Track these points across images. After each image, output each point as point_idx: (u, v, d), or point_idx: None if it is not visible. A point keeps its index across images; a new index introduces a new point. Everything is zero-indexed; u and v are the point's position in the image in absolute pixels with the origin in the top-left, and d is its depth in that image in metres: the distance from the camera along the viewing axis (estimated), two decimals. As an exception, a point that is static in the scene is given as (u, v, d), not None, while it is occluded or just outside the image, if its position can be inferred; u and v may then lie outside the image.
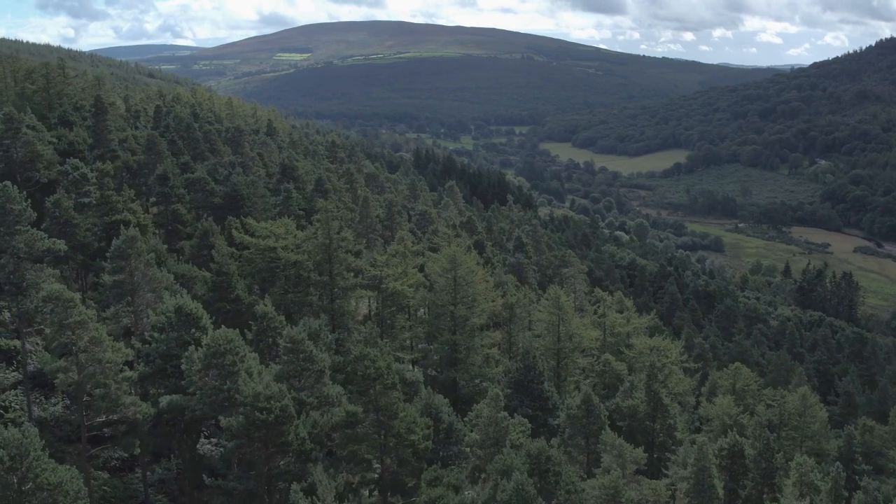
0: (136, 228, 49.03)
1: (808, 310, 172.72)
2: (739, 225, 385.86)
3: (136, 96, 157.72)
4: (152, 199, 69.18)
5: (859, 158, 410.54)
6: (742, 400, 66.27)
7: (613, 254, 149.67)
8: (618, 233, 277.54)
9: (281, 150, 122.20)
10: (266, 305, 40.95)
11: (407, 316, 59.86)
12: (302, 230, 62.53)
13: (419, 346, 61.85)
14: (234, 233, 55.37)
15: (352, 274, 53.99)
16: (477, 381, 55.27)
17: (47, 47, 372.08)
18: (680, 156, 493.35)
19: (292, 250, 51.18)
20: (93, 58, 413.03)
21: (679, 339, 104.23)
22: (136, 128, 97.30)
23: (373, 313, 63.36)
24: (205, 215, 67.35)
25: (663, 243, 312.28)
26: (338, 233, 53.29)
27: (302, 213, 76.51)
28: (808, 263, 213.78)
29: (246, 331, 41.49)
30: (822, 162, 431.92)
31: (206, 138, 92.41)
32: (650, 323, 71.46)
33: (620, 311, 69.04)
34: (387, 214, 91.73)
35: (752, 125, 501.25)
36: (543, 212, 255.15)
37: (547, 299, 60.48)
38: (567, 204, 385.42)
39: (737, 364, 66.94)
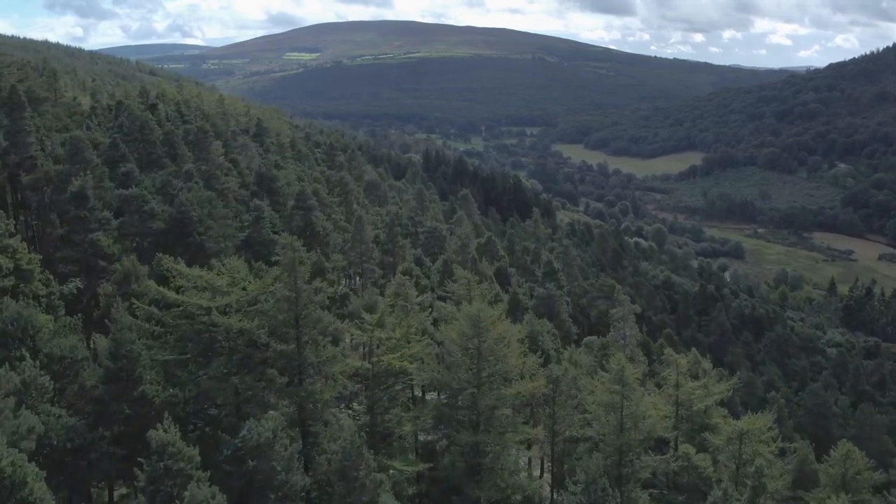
0: (11, 278, 32.91)
1: (857, 332, 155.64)
2: (759, 230, 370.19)
3: (117, 93, 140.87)
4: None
5: (881, 161, 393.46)
6: (856, 493, 49.73)
7: (646, 272, 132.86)
8: (637, 239, 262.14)
9: (268, 153, 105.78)
10: (166, 430, 24.31)
11: (410, 396, 43.01)
12: (274, 265, 45.61)
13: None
14: (151, 284, 37.06)
15: (329, 339, 37.36)
16: (508, 493, 38.50)
17: (44, 44, 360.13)
18: (695, 158, 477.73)
19: (237, 311, 34.02)
20: (92, 55, 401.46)
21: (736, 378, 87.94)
22: (89, 128, 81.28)
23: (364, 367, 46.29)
24: (136, 247, 50.56)
25: (682, 250, 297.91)
26: (309, 282, 36.55)
27: (277, 238, 59.93)
28: (857, 280, 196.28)
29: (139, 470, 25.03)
30: (842, 165, 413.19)
31: (166, 141, 75.41)
32: (734, 387, 53.73)
33: (695, 377, 51.95)
34: (387, 236, 74.96)
35: (768, 127, 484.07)
36: (561, 216, 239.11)
37: (604, 368, 43.84)
38: (581, 207, 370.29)
39: (847, 447, 50.15)
